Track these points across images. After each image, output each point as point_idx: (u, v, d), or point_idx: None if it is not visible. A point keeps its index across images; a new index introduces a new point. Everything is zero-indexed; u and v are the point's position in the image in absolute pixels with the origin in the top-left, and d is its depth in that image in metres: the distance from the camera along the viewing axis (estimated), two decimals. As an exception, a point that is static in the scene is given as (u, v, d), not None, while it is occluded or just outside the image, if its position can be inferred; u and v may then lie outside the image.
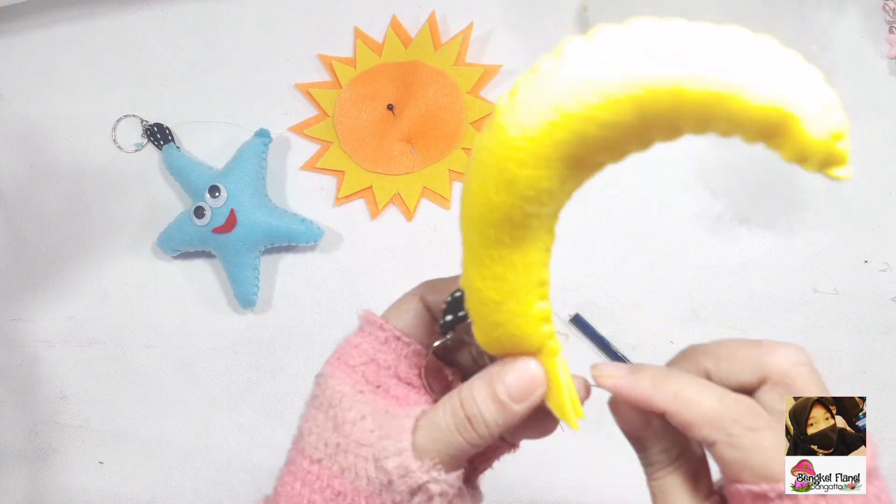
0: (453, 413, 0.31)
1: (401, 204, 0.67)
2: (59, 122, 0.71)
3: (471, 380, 0.32)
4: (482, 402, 0.30)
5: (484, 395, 0.31)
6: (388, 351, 0.34)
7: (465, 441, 0.31)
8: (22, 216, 0.71)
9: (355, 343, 0.34)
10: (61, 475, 0.69)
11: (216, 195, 0.64)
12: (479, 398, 0.31)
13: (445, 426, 0.31)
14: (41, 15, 0.72)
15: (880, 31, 0.65)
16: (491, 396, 0.30)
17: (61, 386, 0.69)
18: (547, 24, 0.68)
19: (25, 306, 0.71)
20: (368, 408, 0.32)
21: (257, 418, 0.67)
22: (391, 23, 0.69)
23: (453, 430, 0.31)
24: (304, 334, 0.67)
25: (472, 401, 0.31)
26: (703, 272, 0.64)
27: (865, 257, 0.63)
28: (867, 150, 0.64)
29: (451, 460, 0.31)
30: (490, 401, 0.30)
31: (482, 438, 0.31)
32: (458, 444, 0.31)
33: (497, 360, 0.32)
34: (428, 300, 0.34)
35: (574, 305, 0.64)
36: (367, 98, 0.68)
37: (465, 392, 0.31)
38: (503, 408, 0.30)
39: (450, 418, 0.31)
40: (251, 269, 0.66)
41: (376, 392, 0.33)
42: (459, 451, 0.31)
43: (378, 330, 0.34)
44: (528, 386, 0.30)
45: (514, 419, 0.31)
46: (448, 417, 0.31)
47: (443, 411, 0.31)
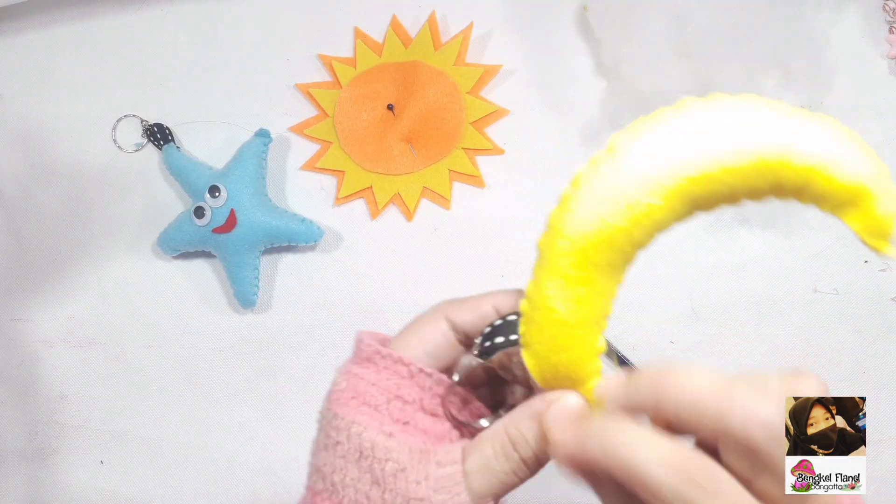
0: (507, 456, 0.31)
1: (401, 204, 0.67)
2: (59, 122, 0.71)
3: (515, 416, 0.31)
4: (534, 441, 0.31)
5: (535, 434, 0.31)
6: (412, 385, 0.33)
7: (519, 479, 0.31)
8: (22, 216, 0.71)
9: (371, 380, 0.33)
10: (61, 475, 0.69)
11: (216, 195, 0.64)
12: (530, 437, 0.31)
13: (501, 470, 0.31)
14: (41, 15, 0.72)
15: (880, 31, 0.65)
16: (542, 435, 0.31)
17: (61, 386, 0.69)
18: (547, 24, 0.68)
19: (25, 306, 0.71)
20: (405, 454, 0.31)
21: (257, 418, 0.67)
22: (391, 23, 0.69)
23: (509, 473, 0.31)
24: (304, 334, 0.67)
25: (523, 440, 0.31)
26: (703, 272, 0.64)
27: (865, 257, 0.63)
28: (867, 150, 0.64)
29: (501, 497, 0.32)
30: (542, 440, 0.31)
31: (533, 473, 0.32)
32: (512, 483, 0.31)
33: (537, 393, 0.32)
34: (456, 320, 0.34)
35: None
36: (367, 98, 0.68)
37: (513, 430, 0.31)
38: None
39: (504, 461, 0.31)
40: (251, 269, 0.66)
41: (405, 430, 0.32)
42: (511, 488, 0.32)
43: (397, 364, 0.33)
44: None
45: None
46: (502, 461, 0.31)
47: (493, 452, 0.31)
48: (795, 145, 0.26)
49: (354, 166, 0.68)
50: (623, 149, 0.28)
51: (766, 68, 0.65)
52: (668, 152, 0.27)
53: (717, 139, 0.27)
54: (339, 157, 0.68)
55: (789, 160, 0.26)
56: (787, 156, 0.26)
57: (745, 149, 0.27)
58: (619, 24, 0.64)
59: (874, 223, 0.27)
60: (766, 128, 0.27)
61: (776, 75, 0.64)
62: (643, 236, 0.28)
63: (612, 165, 0.28)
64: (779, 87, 0.65)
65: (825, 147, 0.27)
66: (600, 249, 0.28)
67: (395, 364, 0.33)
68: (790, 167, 0.27)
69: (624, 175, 0.28)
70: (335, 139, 0.68)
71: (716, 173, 0.27)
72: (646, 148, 0.28)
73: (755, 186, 0.27)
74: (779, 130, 0.27)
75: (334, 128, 0.68)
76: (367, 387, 0.33)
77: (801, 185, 0.27)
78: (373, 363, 0.33)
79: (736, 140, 0.27)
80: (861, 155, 0.27)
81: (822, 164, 0.27)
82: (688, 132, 0.27)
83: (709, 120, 0.27)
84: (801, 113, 0.27)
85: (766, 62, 0.65)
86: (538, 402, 0.31)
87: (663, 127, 0.28)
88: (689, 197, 0.27)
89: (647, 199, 0.27)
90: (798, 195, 0.27)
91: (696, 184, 0.27)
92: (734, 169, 0.27)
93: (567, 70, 0.67)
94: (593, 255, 0.29)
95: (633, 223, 0.28)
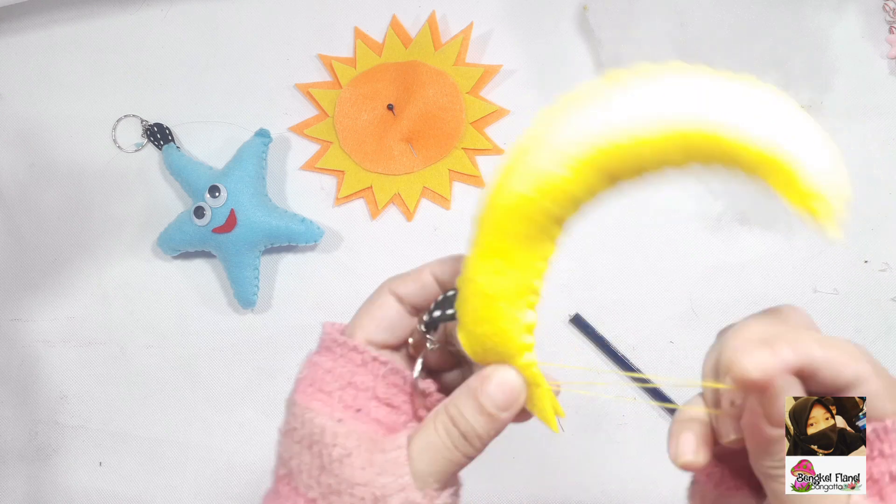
0: (447, 432, 0.31)
1: (401, 204, 0.67)
2: (59, 122, 0.71)
3: (454, 395, 0.32)
4: (472, 417, 0.31)
5: (472, 410, 0.31)
6: (366, 373, 0.33)
7: (463, 456, 0.32)
8: (22, 216, 0.71)
9: (327, 367, 0.34)
10: (61, 475, 0.69)
11: (216, 195, 0.64)
12: (468, 413, 0.31)
13: (443, 446, 0.31)
14: (41, 15, 0.72)
15: (880, 31, 0.65)
16: (479, 410, 0.31)
17: (61, 386, 0.69)
18: (547, 24, 0.68)
19: (25, 306, 0.71)
20: (352, 440, 0.32)
21: (257, 418, 0.67)
22: (391, 23, 0.69)
23: (451, 448, 0.31)
24: (304, 334, 0.67)
25: (462, 417, 0.31)
26: (703, 272, 0.64)
27: (865, 257, 0.63)
28: (867, 150, 0.64)
29: (448, 477, 0.32)
30: (479, 414, 0.31)
31: (477, 451, 0.32)
32: (457, 460, 0.32)
33: (476, 371, 0.32)
34: (399, 292, 0.35)
35: (574, 305, 0.64)
36: (367, 98, 0.68)
37: (452, 409, 0.32)
38: (492, 419, 0.31)
39: (445, 438, 0.31)
40: (251, 269, 0.66)
41: (356, 417, 0.33)
42: (457, 466, 0.32)
43: (352, 352, 0.34)
44: (510, 395, 0.31)
45: (503, 426, 0.32)
46: (444, 437, 0.31)
47: (436, 431, 0.32)
48: (708, 114, 0.26)
49: (354, 166, 0.68)
50: (543, 123, 0.28)
51: (766, 68, 0.65)
52: (581, 125, 0.27)
53: (629, 111, 0.26)
54: (339, 157, 0.68)
55: (700, 129, 0.26)
56: (699, 125, 0.26)
57: (656, 119, 0.26)
58: (619, 24, 0.64)
59: (796, 188, 0.25)
60: (679, 97, 0.26)
61: (776, 75, 0.64)
62: (556, 208, 0.28)
63: (533, 140, 0.28)
64: (779, 88, 0.65)
65: (742, 115, 0.26)
66: (513, 220, 0.29)
67: (350, 352, 0.34)
68: (702, 137, 0.26)
69: (539, 148, 0.28)
70: (335, 139, 0.68)
71: (628, 145, 0.26)
72: (561, 122, 0.28)
73: (671, 157, 0.27)
74: (693, 99, 0.26)
75: (334, 128, 0.68)
76: (323, 374, 0.34)
77: (715, 154, 0.26)
78: (331, 352, 0.34)
79: (647, 111, 0.26)
80: (787, 121, 0.26)
81: (735, 132, 0.25)
82: (602, 105, 0.27)
83: (625, 92, 0.27)
84: (728, 80, 0.26)
85: (766, 62, 0.65)
86: (473, 380, 0.32)
87: (582, 101, 0.27)
88: (602, 168, 0.27)
89: (555, 170, 0.27)
90: (719, 163, 0.27)
91: (607, 155, 0.27)
92: (647, 140, 0.26)
93: (567, 70, 0.67)
94: (507, 225, 0.29)
95: (541, 194, 0.28)
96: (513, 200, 0.28)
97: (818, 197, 0.25)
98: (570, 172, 0.27)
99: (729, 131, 0.25)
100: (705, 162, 0.26)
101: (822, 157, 0.25)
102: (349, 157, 0.68)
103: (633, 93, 0.27)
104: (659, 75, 0.27)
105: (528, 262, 0.30)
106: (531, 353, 0.31)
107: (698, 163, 0.27)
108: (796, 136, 0.25)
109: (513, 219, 0.29)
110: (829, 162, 0.25)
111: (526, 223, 0.29)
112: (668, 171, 0.27)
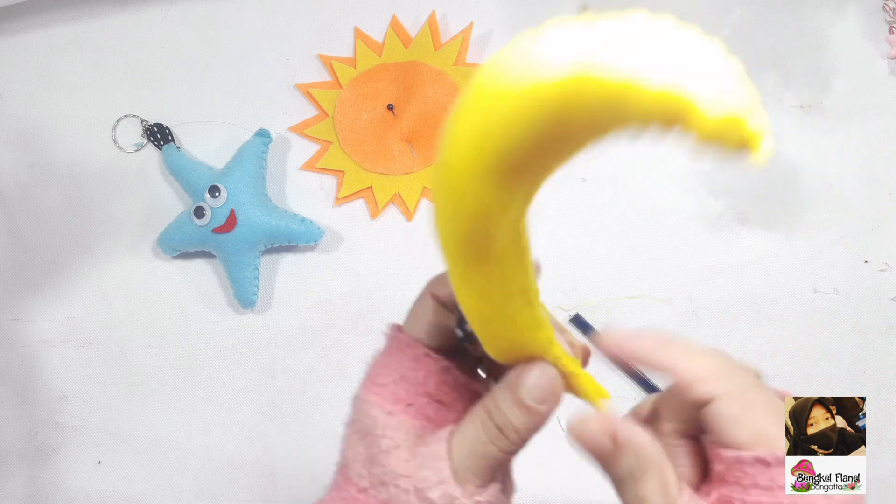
0: (483, 426, 0.31)
1: (401, 204, 0.67)
2: (59, 122, 0.71)
3: (493, 390, 0.32)
4: (509, 410, 0.31)
5: (509, 403, 0.31)
6: (419, 368, 0.34)
7: (500, 450, 0.31)
8: (22, 216, 0.71)
9: (385, 362, 0.34)
10: (61, 475, 0.69)
11: (216, 195, 0.64)
12: (504, 406, 0.31)
13: (478, 440, 0.31)
14: (41, 15, 0.72)
15: (880, 31, 0.65)
16: (516, 403, 0.31)
17: (61, 386, 0.69)
18: (547, 24, 0.68)
19: (25, 306, 0.71)
20: (401, 433, 0.32)
21: (257, 418, 0.67)
22: (391, 23, 0.69)
23: (486, 442, 0.31)
24: (304, 334, 0.67)
25: (498, 410, 0.31)
26: (703, 272, 0.64)
27: (865, 257, 0.63)
28: (867, 150, 0.64)
29: (488, 472, 0.31)
30: (516, 407, 0.31)
31: (515, 445, 0.31)
32: (494, 454, 0.31)
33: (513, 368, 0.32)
34: (438, 294, 0.34)
35: (574, 305, 0.64)
36: (367, 98, 0.68)
37: (489, 403, 0.31)
38: (530, 411, 0.31)
39: (481, 431, 0.31)
40: (251, 269, 0.66)
41: (406, 411, 0.33)
42: (496, 461, 0.31)
43: (407, 348, 0.34)
44: (547, 386, 0.31)
45: (542, 420, 0.31)
46: (479, 431, 0.31)
47: (473, 425, 0.31)
48: (602, 62, 0.21)
49: (354, 166, 0.68)
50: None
51: (766, 68, 0.65)
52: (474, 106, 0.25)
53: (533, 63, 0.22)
54: (339, 157, 0.68)
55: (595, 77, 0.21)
56: (591, 72, 0.21)
57: (553, 69, 0.22)
58: (619, 24, 0.64)
59: (710, 134, 0.21)
60: (571, 44, 0.22)
61: (776, 75, 0.64)
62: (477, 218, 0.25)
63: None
64: (779, 87, 0.65)
65: (631, 57, 0.21)
66: (453, 237, 0.27)
67: (406, 347, 0.34)
68: (597, 83, 0.21)
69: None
70: (335, 139, 0.68)
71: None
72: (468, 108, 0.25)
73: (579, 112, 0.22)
74: (588, 46, 0.22)
75: (334, 128, 0.68)
76: (381, 368, 0.34)
77: (612, 105, 0.21)
78: (389, 347, 0.35)
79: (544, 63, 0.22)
80: (679, 57, 0.22)
81: (626, 75, 0.21)
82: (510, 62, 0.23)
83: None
84: (626, 21, 0.22)
85: (766, 62, 0.65)
86: (512, 374, 0.32)
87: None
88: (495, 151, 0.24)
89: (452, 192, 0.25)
90: (615, 115, 0.22)
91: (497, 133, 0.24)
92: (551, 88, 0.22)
93: (567, 70, 0.67)
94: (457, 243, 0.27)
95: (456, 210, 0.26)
96: (447, 227, 0.26)
97: (731, 119, 0.21)
98: (467, 181, 0.25)
99: (615, 75, 0.21)
100: (605, 117, 0.22)
101: (721, 77, 0.22)
102: (349, 157, 0.68)
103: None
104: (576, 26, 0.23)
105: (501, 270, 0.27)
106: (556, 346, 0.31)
107: (603, 120, 0.22)
108: (685, 64, 0.22)
109: (459, 243, 0.26)
110: (730, 80, 0.22)
111: (469, 242, 0.26)
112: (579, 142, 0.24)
